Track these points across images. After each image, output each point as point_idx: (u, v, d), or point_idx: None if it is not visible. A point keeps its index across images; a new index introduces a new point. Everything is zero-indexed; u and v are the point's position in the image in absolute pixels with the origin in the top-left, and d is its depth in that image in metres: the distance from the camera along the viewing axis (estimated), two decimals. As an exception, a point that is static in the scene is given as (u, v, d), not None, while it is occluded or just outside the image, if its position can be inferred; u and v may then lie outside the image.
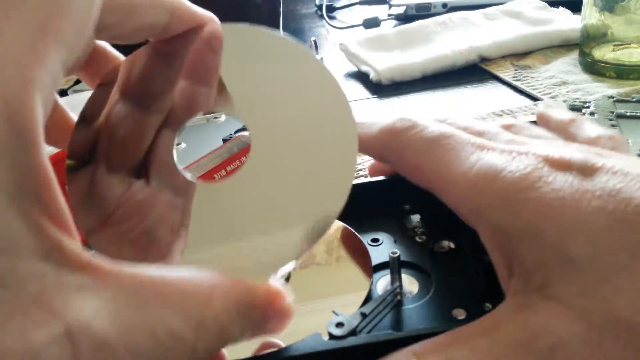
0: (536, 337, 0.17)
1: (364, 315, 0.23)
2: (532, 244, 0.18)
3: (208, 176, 0.42)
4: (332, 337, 0.22)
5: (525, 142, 0.23)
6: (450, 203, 0.22)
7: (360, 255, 0.28)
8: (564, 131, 0.27)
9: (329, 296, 0.27)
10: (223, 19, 0.22)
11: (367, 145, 0.26)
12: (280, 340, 0.22)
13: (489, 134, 0.24)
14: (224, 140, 0.50)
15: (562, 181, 0.19)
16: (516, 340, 0.17)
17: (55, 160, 0.19)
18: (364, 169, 0.43)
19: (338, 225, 0.32)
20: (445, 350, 0.18)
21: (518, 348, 0.17)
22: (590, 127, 0.26)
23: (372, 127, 0.26)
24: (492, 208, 0.20)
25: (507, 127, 0.26)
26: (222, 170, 0.43)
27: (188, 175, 0.22)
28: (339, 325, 0.22)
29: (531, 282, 0.18)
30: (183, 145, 0.56)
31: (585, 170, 0.19)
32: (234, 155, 0.44)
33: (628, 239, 0.17)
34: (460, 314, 0.23)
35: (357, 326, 0.22)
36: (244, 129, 0.50)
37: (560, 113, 0.28)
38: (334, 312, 0.23)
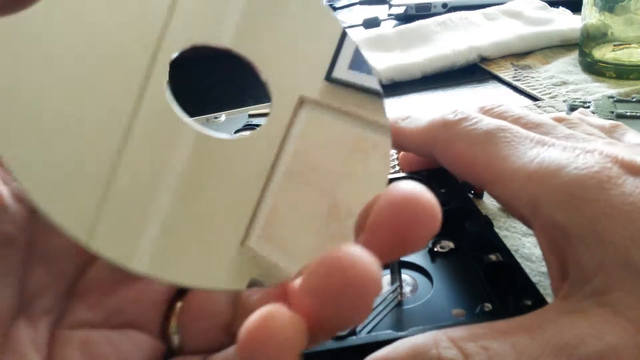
0: (585, 342, 0.16)
1: None
2: (594, 245, 0.17)
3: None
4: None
5: (587, 138, 0.22)
6: (504, 196, 0.21)
7: None
8: (609, 135, 0.25)
9: None
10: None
11: (416, 137, 0.25)
12: None
13: (546, 127, 0.23)
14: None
15: (634, 186, 0.18)
16: (563, 343, 0.16)
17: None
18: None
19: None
20: (482, 340, 0.17)
21: (563, 350, 0.16)
22: (635, 136, 0.25)
23: (420, 120, 0.25)
24: (553, 202, 0.19)
25: (560, 121, 0.24)
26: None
27: None
28: None
29: (586, 286, 0.17)
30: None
31: None
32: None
33: None
34: (460, 314, 0.23)
35: (357, 326, 0.22)
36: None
37: (598, 119, 0.27)
38: None
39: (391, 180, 0.28)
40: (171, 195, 0.17)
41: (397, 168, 0.37)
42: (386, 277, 0.26)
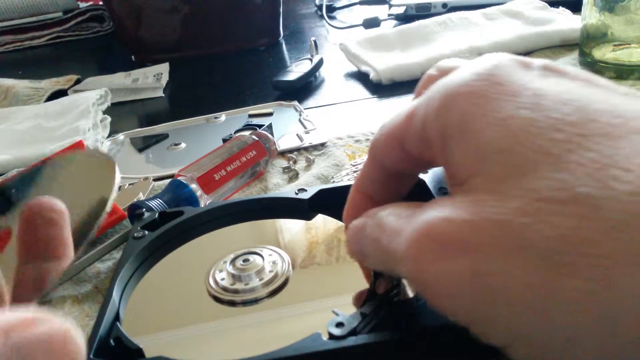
0: (426, 218, 0.17)
1: (364, 316, 0.23)
2: (459, 139, 0.18)
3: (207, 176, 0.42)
4: (332, 337, 0.22)
5: None
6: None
7: None
8: None
9: (329, 296, 0.27)
10: (223, 19, 0.22)
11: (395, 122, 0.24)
12: (280, 340, 0.22)
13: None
14: (224, 141, 0.50)
15: (486, 83, 0.18)
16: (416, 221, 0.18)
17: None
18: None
19: (337, 225, 0.32)
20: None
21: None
22: None
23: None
24: (436, 117, 0.19)
25: None
26: (222, 171, 0.43)
27: None
28: (339, 325, 0.22)
29: (455, 181, 0.18)
30: (183, 145, 0.56)
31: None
32: (233, 155, 0.44)
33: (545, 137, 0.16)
34: None
35: (357, 326, 0.22)
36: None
37: None
38: (334, 312, 0.23)
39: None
40: None
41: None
42: (387, 277, 0.26)
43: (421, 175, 0.29)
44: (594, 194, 0.14)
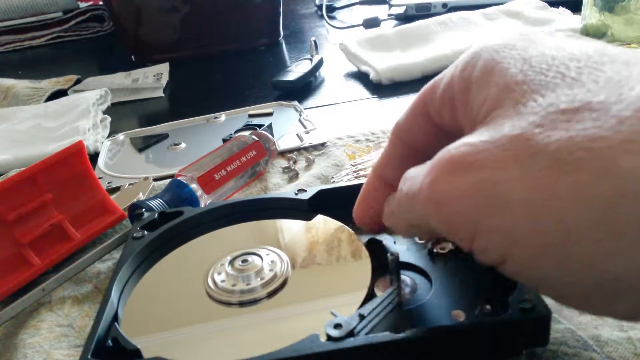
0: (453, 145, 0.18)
1: (362, 317, 0.23)
2: (483, 83, 0.19)
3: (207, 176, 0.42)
4: (329, 338, 0.21)
5: None
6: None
7: (359, 256, 0.28)
8: None
9: (329, 296, 0.27)
10: (223, 19, 0.22)
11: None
12: (280, 341, 0.22)
13: None
14: (224, 141, 0.50)
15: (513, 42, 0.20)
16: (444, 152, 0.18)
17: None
18: (364, 169, 0.43)
19: (337, 225, 0.32)
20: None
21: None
22: None
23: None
24: (460, 71, 0.21)
25: None
26: (222, 171, 0.43)
27: None
28: (337, 326, 0.22)
29: (477, 118, 0.19)
30: (183, 145, 0.56)
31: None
32: (233, 155, 0.44)
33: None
34: (459, 315, 0.23)
35: (355, 327, 0.22)
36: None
37: None
38: (332, 313, 0.23)
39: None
40: None
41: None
42: (386, 278, 0.26)
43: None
44: (606, 100, 0.15)
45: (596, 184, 0.14)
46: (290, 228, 0.33)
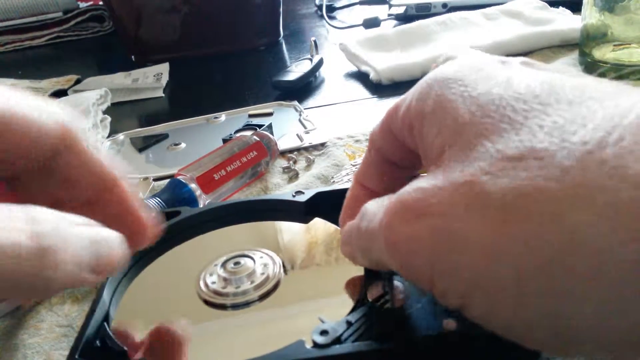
0: (405, 191, 0.19)
1: (349, 324, 0.22)
2: (434, 118, 0.20)
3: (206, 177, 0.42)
4: (315, 345, 0.21)
5: None
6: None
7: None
8: None
9: (321, 299, 0.27)
10: (223, 19, 0.22)
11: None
12: (271, 344, 0.22)
13: None
14: (224, 141, 0.50)
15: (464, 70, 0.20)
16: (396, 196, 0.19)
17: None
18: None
19: (333, 228, 0.32)
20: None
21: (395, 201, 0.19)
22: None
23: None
24: (417, 99, 0.21)
25: None
26: (222, 171, 0.43)
27: None
28: (324, 333, 0.21)
29: (431, 156, 0.20)
30: (183, 145, 0.56)
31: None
32: (234, 156, 0.44)
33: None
34: (450, 324, 0.22)
35: (342, 335, 0.21)
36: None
37: None
38: (319, 318, 0.23)
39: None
40: None
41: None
42: (378, 284, 0.26)
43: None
44: (550, 148, 0.15)
45: (544, 234, 0.14)
46: (286, 230, 0.33)
